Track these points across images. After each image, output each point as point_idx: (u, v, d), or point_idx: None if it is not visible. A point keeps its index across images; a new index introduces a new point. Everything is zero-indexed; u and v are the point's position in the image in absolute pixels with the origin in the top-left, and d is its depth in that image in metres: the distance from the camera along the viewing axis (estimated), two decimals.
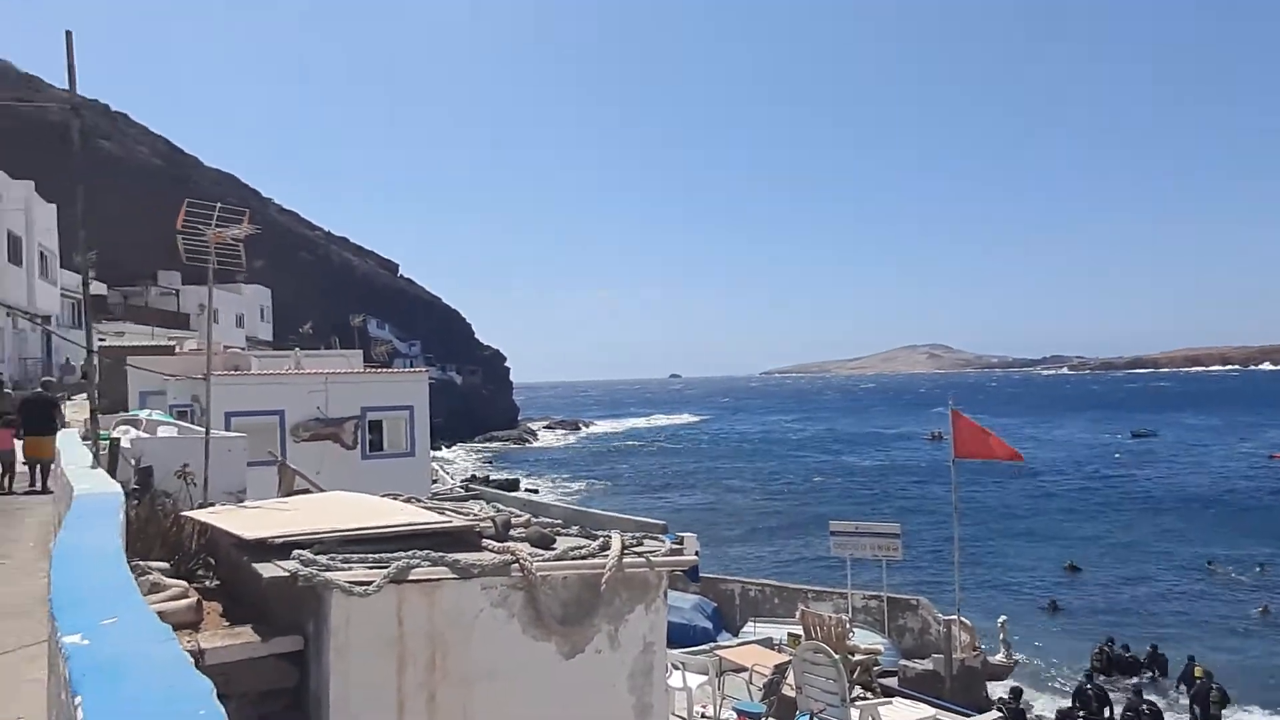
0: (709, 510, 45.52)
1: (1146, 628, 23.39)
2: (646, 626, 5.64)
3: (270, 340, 57.08)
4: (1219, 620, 24.49)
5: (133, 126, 72.25)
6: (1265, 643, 22.28)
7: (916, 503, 45.03)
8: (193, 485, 7.89)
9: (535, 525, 5.91)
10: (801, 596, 16.19)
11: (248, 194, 75.71)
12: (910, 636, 15.56)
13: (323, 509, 5.63)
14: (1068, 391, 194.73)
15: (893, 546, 15.32)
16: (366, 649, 4.23)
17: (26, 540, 8.63)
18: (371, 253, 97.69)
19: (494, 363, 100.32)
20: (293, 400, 21.91)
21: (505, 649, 4.77)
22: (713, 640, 14.07)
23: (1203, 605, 26.16)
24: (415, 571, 4.43)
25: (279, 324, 63.12)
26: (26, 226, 30.59)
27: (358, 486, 7.76)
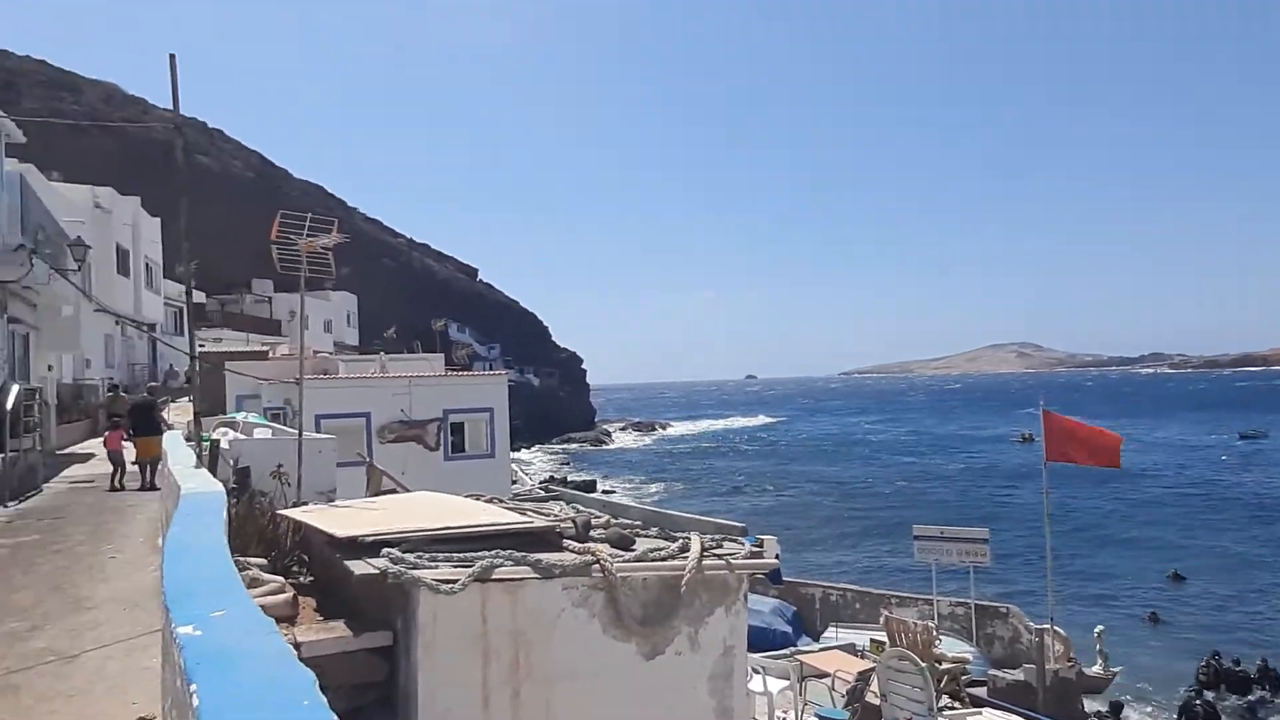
0: (787, 513, 44.93)
1: (1257, 642, 22.01)
2: (727, 629, 5.61)
3: (356, 345, 58.99)
4: None
5: (228, 142, 75.78)
6: None
7: (1005, 507, 43.45)
8: (287, 485, 8.22)
9: (615, 526, 5.95)
10: (884, 602, 15.82)
11: (334, 204, 78.39)
12: (1000, 645, 15.03)
13: (409, 509, 5.79)
14: (1169, 391, 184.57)
15: (980, 552, 14.81)
16: (452, 645, 4.33)
17: (137, 536, 9.14)
18: (451, 258, 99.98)
19: (570, 365, 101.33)
20: (378, 403, 22.58)
21: (586, 648, 4.81)
22: (792, 645, 13.88)
23: None
24: (499, 571, 4.51)
25: (364, 329, 65.20)
26: (134, 240, 32.40)
27: (440, 487, 7.96)
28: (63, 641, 5.36)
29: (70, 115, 50.32)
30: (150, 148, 49.56)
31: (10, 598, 6.55)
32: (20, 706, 4.27)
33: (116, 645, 5.22)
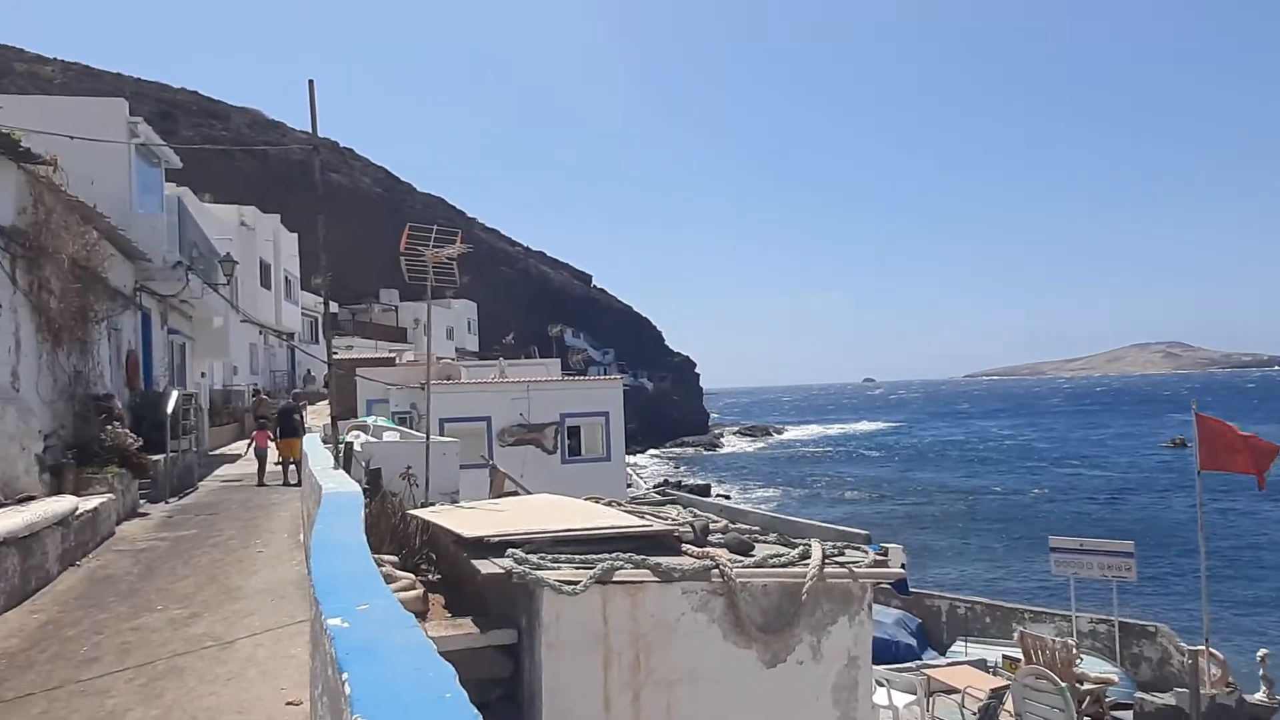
0: (909, 521, 43.42)
1: None
2: (850, 639, 5.45)
3: (476, 351, 61.01)
4: None
5: (357, 160, 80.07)
6: None
7: (1153, 519, 40.45)
8: (415, 485, 8.58)
9: (733, 531, 5.90)
10: (1017, 617, 15.00)
11: (454, 214, 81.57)
12: (1147, 667, 13.98)
13: (532, 510, 5.92)
14: None
15: (1125, 566, 13.82)
16: (575, 646, 4.40)
17: (281, 531, 9.75)
18: (566, 265, 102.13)
19: (684, 369, 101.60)
20: (498, 407, 23.27)
21: (706, 653, 4.78)
22: (917, 658, 13.37)
23: None
24: (619, 573, 4.55)
25: (483, 335, 67.39)
26: (274, 255, 34.70)
27: (557, 489, 8.12)
28: (219, 628, 5.77)
29: (219, 141, 54.47)
30: (288, 168, 53.03)
31: (173, 586, 7.11)
32: (186, 688, 4.62)
33: (265, 634, 5.57)
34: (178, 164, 18.19)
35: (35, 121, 10.49)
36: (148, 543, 9.15)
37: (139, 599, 6.68)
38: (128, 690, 4.59)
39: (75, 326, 10.95)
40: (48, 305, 10.11)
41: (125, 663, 5.05)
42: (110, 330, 13.29)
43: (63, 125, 10.74)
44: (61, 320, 10.43)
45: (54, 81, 53.89)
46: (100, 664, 5.05)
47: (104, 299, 12.45)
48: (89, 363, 11.94)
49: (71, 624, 5.97)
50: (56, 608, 6.46)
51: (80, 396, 11.42)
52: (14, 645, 5.48)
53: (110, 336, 13.34)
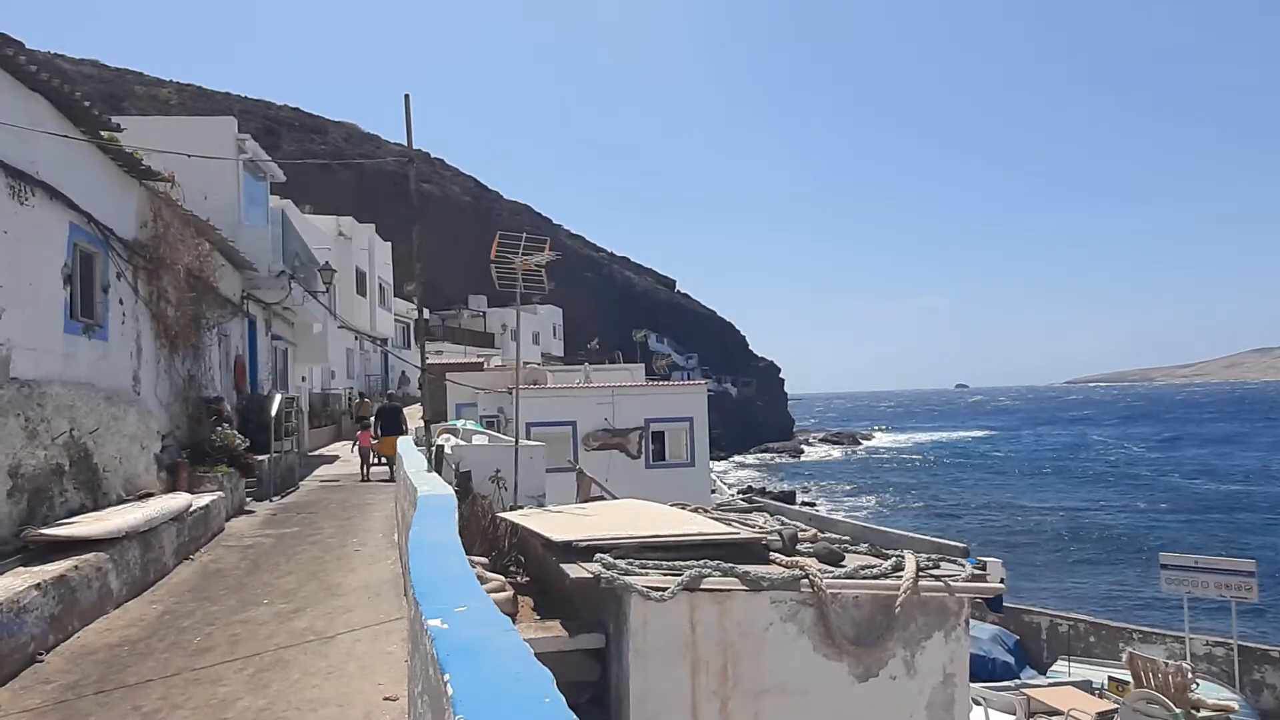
0: (1005, 533, 41.74)
1: None
2: (947, 656, 5.27)
3: (561, 356, 61.75)
4: None
5: (448, 170, 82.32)
6: None
7: (1276, 536, 37.80)
8: (503, 489, 8.73)
9: (822, 541, 5.78)
10: (1124, 636, 14.23)
11: (540, 222, 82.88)
12: (1271, 695, 13.04)
13: (618, 515, 5.94)
14: None
15: (1246, 586, 12.93)
16: (663, 652, 4.38)
17: (376, 531, 10.08)
18: (650, 270, 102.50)
19: (768, 374, 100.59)
20: (583, 411, 23.49)
21: (795, 664, 4.69)
22: (1015, 677, 12.84)
23: None
24: (707, 581, 4.51)
25: (568, 340, 68.23)
26: (369, 263, 36.01)
27: (641, 494, 8.13)
28: (320, 623, 6.00)
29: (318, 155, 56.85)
30: (382, 179, 54.97)
31: (278, 581, 7.43)
32: (290, 679, 4.81)
33: (363, 630, 5.76)
34: (281, 177, 19.02)
35: (154, 141, 11.16)
36: (254, 539, 9.60)
37: (246, 593, 7.01)
38: (237, 680, 4.81)
39: (189, 333, 11.60)
40: (165, 313, 10.75)
41: (235, 653, 5.30)
42: (220, 336, 14.03)
43: (179, 144, 11.39)
44: (177, 327, 11.07)
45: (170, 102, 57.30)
46: (212, 654, 5.32)
47: (215, 307, 13.14)
48: (201, 367, 12.63)
49: (186, 615, 6.31)
50: (173, 599, 6.85)
51: (193, 399, 12.08)
52: (135, 634, 5.83)
53: (220, 342, 14.08)
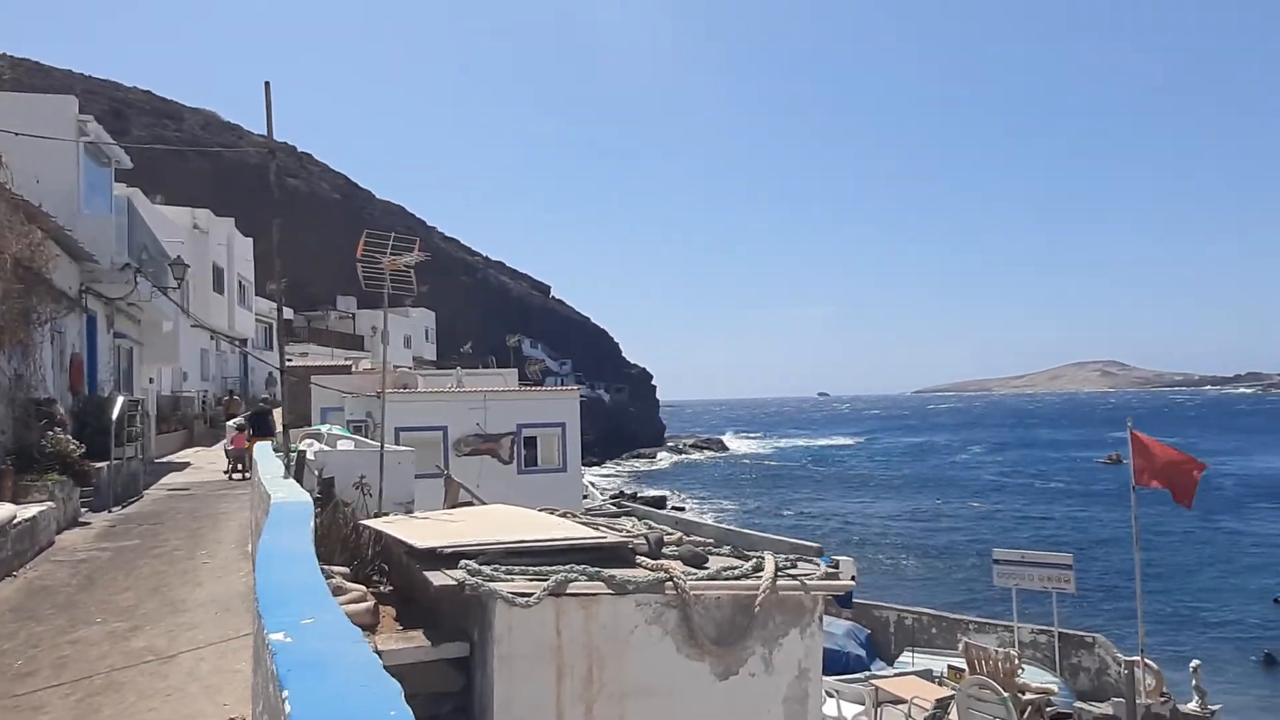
0: (859, 533, 44.05)
1: None
2: (802, 651, 5.52)
3: (434, 360, 60.39)
4: None
5: (316, 165, 78.96)
6: None
7: (1091, 532, 41.69)
8: (368, 495, 8.47)
9: (687, 544, 5.94)
10: (962, 628, 15.31)
11: (414, 223, 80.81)
12: (1086, 677, 14.37)
13: (486, 521, 5.90)
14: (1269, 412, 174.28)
15: (1064, 578, 14.22)
16: (528, 658, 4.39)
17: (228, 542, 9.55)
18: (526, 275, 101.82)
19: (641, 381, 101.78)
20: (455, 416, 23.08)
21: (659, 666, 4.80)
22: (866, 669, 13.56)
23: None
24: (573, 585, 4.56)
25: (441, 344, 66.81)
26: (228, 259, 34.02)
27: (513, 500, 8.09)
28: (161, 642, 5.64)
29: (172, 141, 53.28)
30: (244, 171, 52.09)
31: (114, 598, 6.93)
32: (124, 703, 4.51)
33: (209, 647, 5.46)
34: (128, 164, 17.78)
35: None
36: (88, 553, 8.89)
37: (78, 611, 6.50)
38: (63, 706, 4.47)
39: (17, 329, 10.64)
40: None
41: (61, 677, 4.91)
42: (54, 333, 12.92)
43: (9, 122, 10.45)
44: (3, 322, 10.13)
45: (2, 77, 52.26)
46: (35, 678, 4.91)
47: (48, 301, 12.11)
48: (30, 366, 11.59)
49: (6, 637, 5.79)
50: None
51: (20, 401, 11.07)
52: None
53: (53, 339, 12.97)
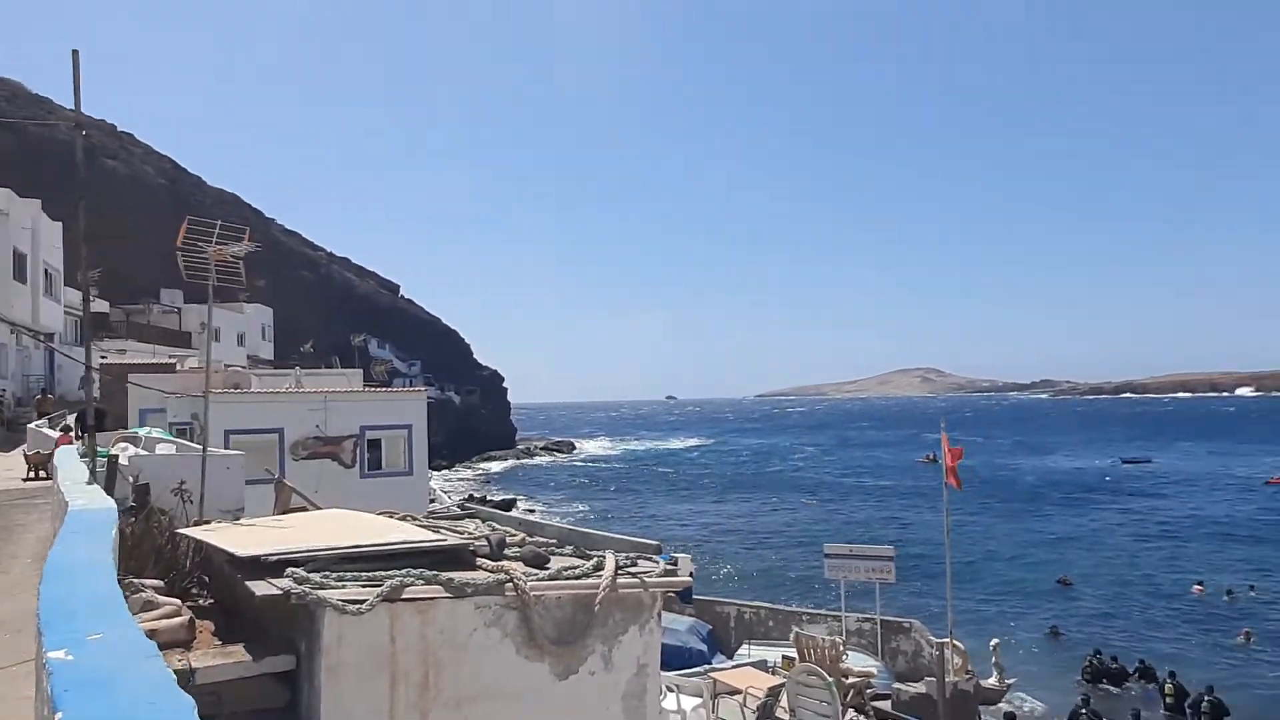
0: (704, 532, 45.40)
1: (1135, 647, 23.62)
2: (640, 648, 5.65)
3: (271, 359, 57.16)
4: (1204, 641, 24.76)
5: (138, 146, 72.85)
6: (1247, 665, 22.51)
7: (911, 525, 45.03)
8: (189, 502, 7.93)
9: (530, 545, 5.94)
10: (796, 619, 16.15)
11: (250, 214, 76.22)
12: (903, 659, 15.52)
13: (318, 526, 5.67)
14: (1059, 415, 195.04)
15: (886, 569, 15.32)
16: (359, 668, 4.26)
17: (24, 556, 8.65)
18: (373, 273, 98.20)
19: (492, 383, 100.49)
20: (292, 418, 21.95)
21: (499, 668, 4.79)
22: (707, 663, 14.00)
23: (1189, 627, 26.43)
24: (409, 590, 4.46)
25: (280, 343, 63.26)
26: (33, 245, 30.75)
27: (356, 505, 7.79)
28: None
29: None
30: (54, 149, 47.13)
31: None
32: None
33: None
34: None
35: None
36: None
37: None
38: None
39: None
40: None
41: None
42: None
43: None
44: None
45: None
46: None
47: None
48: None
49: None
50: None
51: None
52: None
53: None
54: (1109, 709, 17.86)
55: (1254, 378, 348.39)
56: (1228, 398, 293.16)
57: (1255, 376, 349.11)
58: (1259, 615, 26.77)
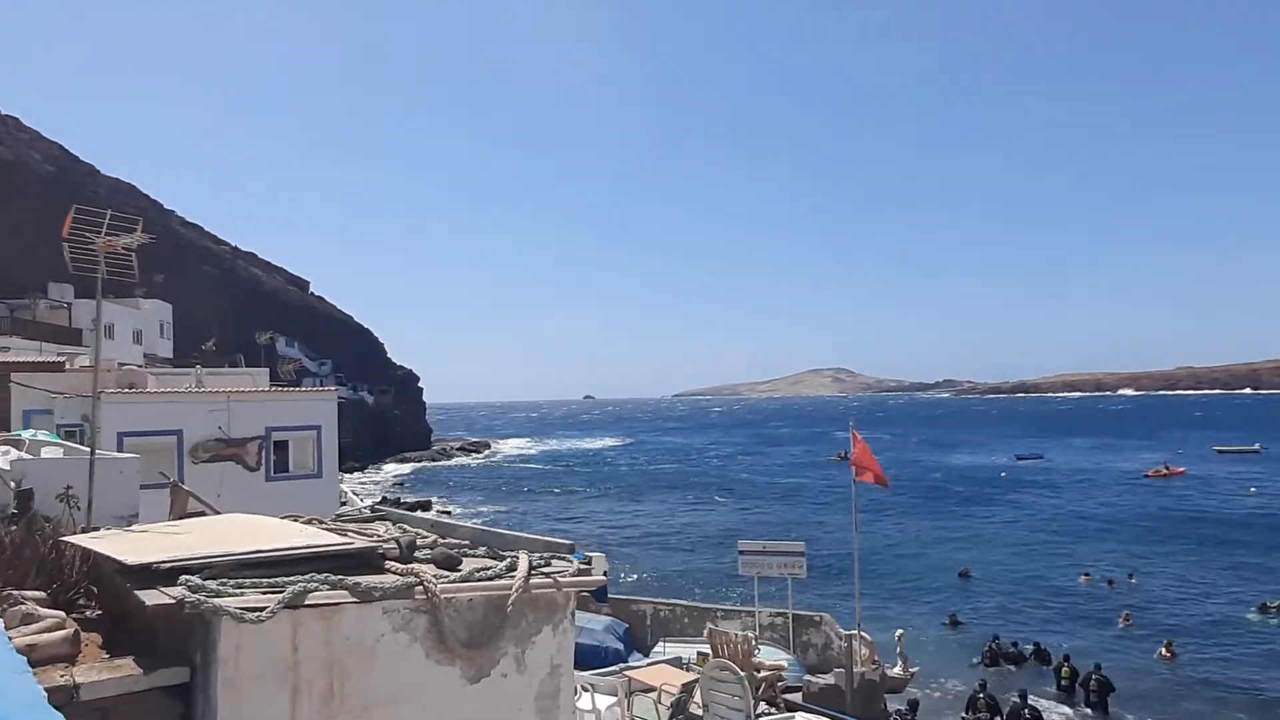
0: (621, 531, 45.59)
1: (1030, 632, 25.02)
2: (554, 648, 5.63)
3: (171, 358, 54.63)
4: (1090, 626, 26.45)
5: (24, 131, 68.61)
6: (1127, 645, 24.29)
7: (823, 522, 46.29)
8: (76, 509, 7.50)
9: (441, 546, 5.85)
10: (711, 616, 16.36)
11: (147, 204, 72.79)
12: (814, 652, 15.92)
13: (216, 532, 5.45)
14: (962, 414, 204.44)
15: (798, 565, 15.70)
16: (258, 679, 4.10)
17: None
18: (281, 269, 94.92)
19: (407, 383, 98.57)
20: (192, 419, 21.06)
21: (408, 674, 4.69)
22: (624, 661, 14.06)
23: (1077, 613, 28.20)
24: (313, 596, 4.33)
25: (181, 341, 60.51)
26: None
27: (262, 509, 7.50)
28: None
29: None
30: None
31: None
32: None
33: None
34: None
35: None
36: None
37: None
38: None
39: None
40: None
41: None
42: None
43: None
44: None
45: None
46: None
47: None
48: None
49: None
50: None
51: None
52: None
53: None
54: (1008, 689, 18.98)
55: (1133, 378, 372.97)
56: (1112, 397, 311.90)
57: (1134, 377, 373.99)
58: (1137, 600, 28.76)
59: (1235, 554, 36.08)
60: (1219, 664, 22.57)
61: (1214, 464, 72.18)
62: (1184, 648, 23.43)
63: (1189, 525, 43.12)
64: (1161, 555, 36.26)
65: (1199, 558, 35.73)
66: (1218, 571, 33.16)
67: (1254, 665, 22.44)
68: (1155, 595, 29.93)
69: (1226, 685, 20.95)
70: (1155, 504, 50.83)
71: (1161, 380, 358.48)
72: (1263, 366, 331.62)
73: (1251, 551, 36.45)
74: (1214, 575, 32.56)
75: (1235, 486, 57.47)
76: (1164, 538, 40.09)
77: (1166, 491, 56.09)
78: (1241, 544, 37.93)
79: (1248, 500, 51.40)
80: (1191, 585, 31.13)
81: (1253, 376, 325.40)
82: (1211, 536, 39.72)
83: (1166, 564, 34.66)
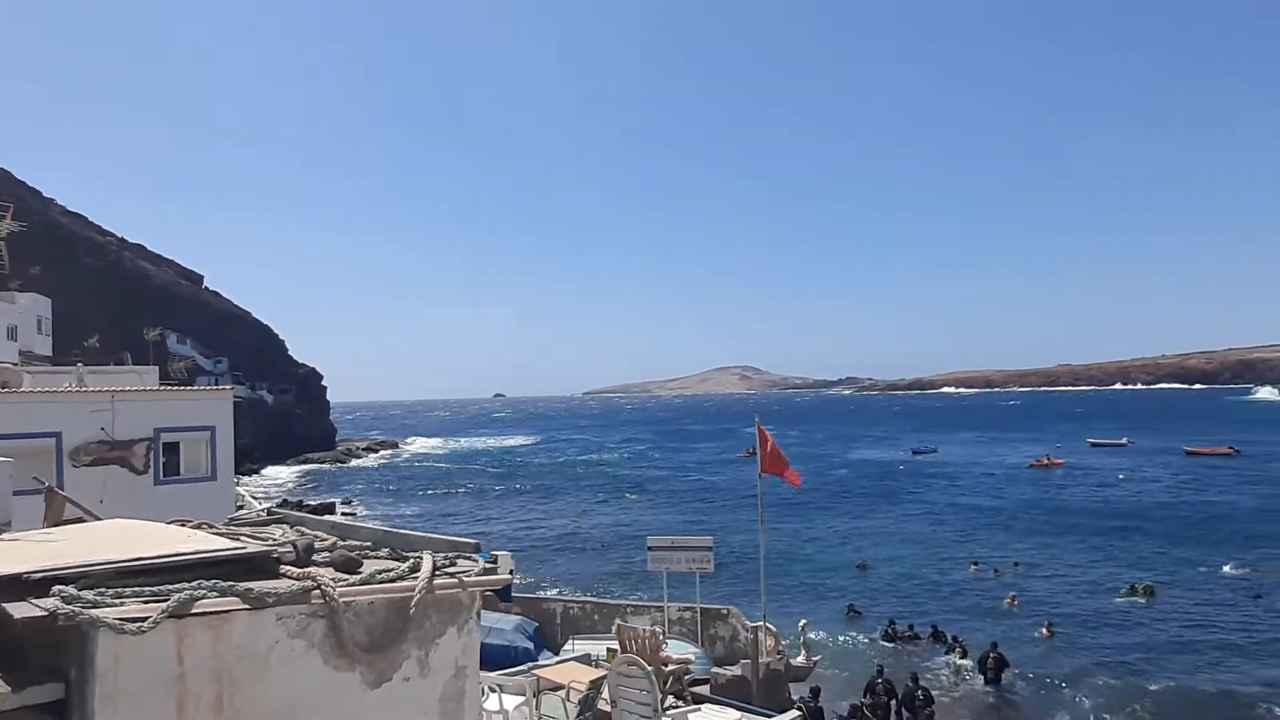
0: (533, 531, 45.33)
1: (925, 618, 26.37)
2: (459, 649, 5.56)
3: (49, 355, 51.30)
4: (981, 610, 28.18)
5: None
6: (1015, 625, 26.08)
7: (730, 516, 47.21)
8: None
9: (341, 549, 5.70)
10: (620, 612, 16.46)
11: (24, 191, 68.15)
12: (721, 645, 16.22)
13: (95, 539, 5.17)
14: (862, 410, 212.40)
15: (705, 560, 15.96)
16: (139, 693, 3.92)
17: None
18: (172, 262, 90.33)
19: (310, 381, 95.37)
20: (72, 420, 19.87)
21: (304, 682, 4.56)
22: (534, 660, 13.99)
23: (967, 596, 30.06)
24: (200, 604, 4.16)
25: (61, 337, 56.86)
26: None
27: (150, 514, 7.13)
28: None
29: None
30: None
31: None
32: None
33: None
34: None
35: None
36: None
37: None
38: None
39: None
40: None
41: None
42: None
43: None
44: None
45: None
46: None
47: None
48: None
49: None
50: None
51: None
52: None
53: None
54: (907, 671, 19.92)
55: (1019, 375, 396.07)
56: (1002, 393, 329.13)
57: (1020, 374, 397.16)
58: (1021, 585, 30.75)
59: (1107, 539, 39.10)
60: (1091, 639, 24.67)
61: (1088, 455, 77.48)
62: (1062, 626, 25.38)
63: (1067, 514, 46.33)
64: (1042, 543, 38.79)
65: (1075, 542, 38.51)
66: (1091, 555, 35.86)
67: (1122, 639, 24.62)
68: (1036, 579, 32.03)
69: (1098, 658, 22.98)
70: (1037, 493, 54.56)
71: (1044, 377, 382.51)
72: (1131, 364, 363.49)
73: (1120, 536, 39.60)
74: (1088, 559, 35.17)
75: (1106, 476, 62.23)
76: (1044, 525, 43.01)
77: (1048, 481, 60.43)
78: (1112, 531, 41.15)
79: (1117, 490, 55.60)
80: (1069, 570, 33.49)
81: (1123, 373, 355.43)
82: (1086, 525, 42.82)
83: (1047, 550, 37.11)
